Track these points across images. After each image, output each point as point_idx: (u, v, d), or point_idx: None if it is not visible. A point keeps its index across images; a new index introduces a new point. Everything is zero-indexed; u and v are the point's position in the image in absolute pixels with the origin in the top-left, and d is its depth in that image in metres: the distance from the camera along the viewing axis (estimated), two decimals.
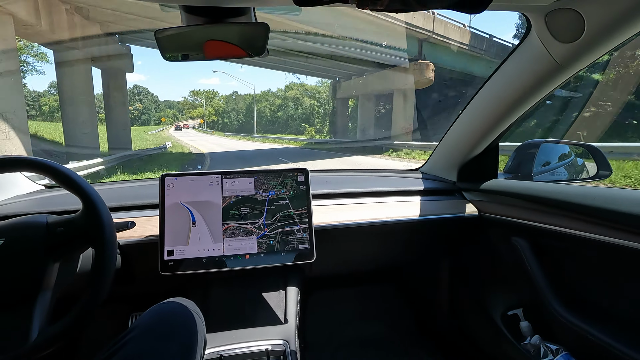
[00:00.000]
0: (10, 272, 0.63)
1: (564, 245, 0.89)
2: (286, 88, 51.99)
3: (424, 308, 1.57)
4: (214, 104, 74.96)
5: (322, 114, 43.08)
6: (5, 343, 0.59)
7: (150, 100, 78.21)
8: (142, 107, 74.43)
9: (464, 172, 1.26)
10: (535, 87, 0.90)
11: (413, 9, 0.48)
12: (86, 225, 0.68)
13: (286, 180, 0.98)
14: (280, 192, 0.97)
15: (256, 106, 55.50)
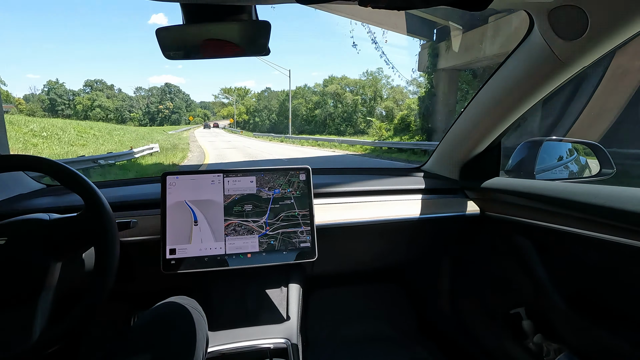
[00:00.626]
0: (12, 271, 0.63)
1: (566, 244, 0.89)
2: (325, 82, 45.50)
3: (426, 307, 1.57)
4: (245, 102, 71.26)
5: (365, 112, 37.74)
6: (7, 342, 0.60)
7: (181, 99, 76.74)
8: (172, 107, 73.07)
9: (466, 170, 1.25)
10: (538, 85, 0.90)
11: (415, 6, 0.48)
12: (89, 225, 0.68)
13: (293, 179, 0.98)
14: (286, 191, 0.97)
15: (291, 103, 47.74)
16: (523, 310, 1.04)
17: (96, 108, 57.26)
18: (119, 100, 63.67)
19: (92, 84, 62.91)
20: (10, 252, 0.64)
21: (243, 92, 76.66)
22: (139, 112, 66.92)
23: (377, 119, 27.83)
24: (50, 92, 58.02)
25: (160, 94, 73.19)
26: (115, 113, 61.12)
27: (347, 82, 42.76)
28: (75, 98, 57.32)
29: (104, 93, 62.25)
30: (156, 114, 69.10)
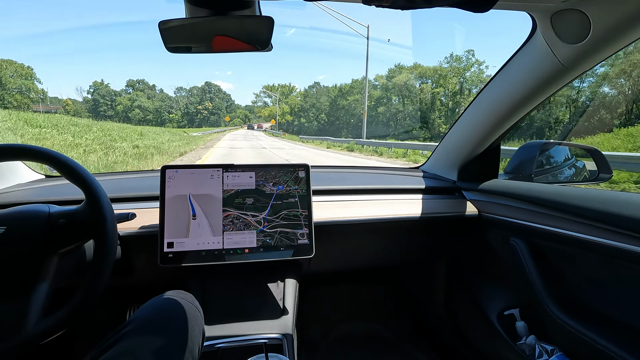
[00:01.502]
0: (9, 262, 0.63)
1: (562, 246, 0.89)
2: (390, 72, 35.61)
3: (420, 306, 1.57)
4: (289, 100, 64.76)
5: (445, 110, 26.53)
6: (0, 332, 0.60)
7: (221, 99, 73.38)
8: (212, 107, 70.18)
9: (465, 171, 1.26)
10: (539, 88, 0.90)
11: (419, 6, 0.48)
12: (88, 218, 0.68)
13: (300, 176, 0.98)
14: (292, 188, 0.97)
15: (345, 100, 41.98)
16: (517, 312, 1.05)
17: (135, 109, 56.96)
18: (158, 101, 62.82)
19: (134, 84, 62.70)
20: (7, 242, 0.63)
21: (287, 89, 70.29)
22: (178, 113, 65.67)
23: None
24: (94, 93, 58.26)
25: (201, 94, 70.71)
26: (155, 114, 60.30)
27: (421, 72, 30.97)
28: (116, 99, 57.36)
29: (144, 93, 61.67)
30: (195, 114, 67.74)
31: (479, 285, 1.23)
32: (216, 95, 74.21)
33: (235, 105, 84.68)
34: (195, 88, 72.69)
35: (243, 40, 0.64)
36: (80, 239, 0.71)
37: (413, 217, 1.11)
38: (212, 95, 73.28)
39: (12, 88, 49.60)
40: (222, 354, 0.83)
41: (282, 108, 66.14)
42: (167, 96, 67.47)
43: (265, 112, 75.26)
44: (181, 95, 69.59)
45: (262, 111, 76.46)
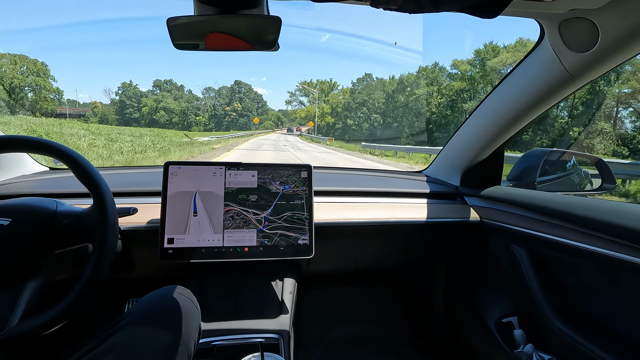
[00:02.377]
0: (7, 253, 0.63)
1: (563, 255, 0.89)
2: (479, 55, 24.54)
3: (419, 310, 1.57)
4: (330, 99, 52.72)
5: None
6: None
7: (251, 99, 65.99)
8: (241, 108, 63.38)
9: (468, 177, 1.25)
10: (545, 96, 0.90)
11: (427, 10, 0.48)
12: (92, 225, 0.68)
13: (302, 177, 0.98)
14: (299, 189, 0.97)
15: (406, 95, 28.24)
16: (515, 319, 1.05)
17: (160, 110, 51.43)
18: (184, 102, 57.50)
19: (161, 84, 57.58)
20: (10, 233, 0.64)
21: (327, 86, 59.32)
22: (205, 115, 60.06)
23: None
24: (122, 95, 54.11)
25: (230, 94, 64.24)
26: (181, 116, 54.01)
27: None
28: (142, 100, 53.24)
29: (171, 94, 56.48)
30: (222, 117, 61.47)
31: (478, 291, 1.22)
32: (246, 95, 65.86)
33: (267, 107, 74.74)
34: (224, 88, 65.35)
35: (250, 39, 0.64)
36: (79, 243, 0.71)
37: (414, 221, 1.11)
38: (242, 96, 65.06)
39: (22, 85, 45.17)
40: (218, 351, 0.83)
41: (321, 108, 55.52)
42: (195, 97, 61.76)
43: (301, 113, 62.95)
44: (209, 96, 63.23)
45: (297, 112, 64.44)
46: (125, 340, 0.62)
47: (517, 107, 0.97)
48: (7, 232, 0.64)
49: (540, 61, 0.85)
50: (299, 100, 66.47)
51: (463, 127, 1.20)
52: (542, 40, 0.83)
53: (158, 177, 0.93)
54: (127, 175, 1.24)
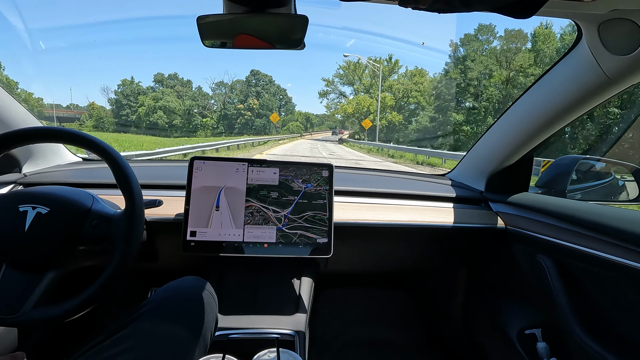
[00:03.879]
0: (39, 241, 0.66)
1: (592, 268, 0.85)
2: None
3: (436, 317, 1.54)
4: (393, 85, 35.22)
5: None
6: (7, 300, 0.63)
7: (272, 94, 48.52)
8: (257, 106, 45.97)
9: (493, 182, 1.22)
10: (580, 100, 0.86)
11: (457, 10, 0.47)
12: (118, 233, 0.69)
13: (323, 176, 0.97)
14: (322, 188, 0.97)
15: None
16: (539, 332, 1.01)
17: (158, 111, 38.75)
18: (188, 99, 43.44)
19: (163, 79, 43.34)
20: (46, 222, 0.67)
21: (387, 67, 36.88)
22: (214, 116, 45.37)
23: None
24: (119, 94, 41.80)
25: (245, 89, 47.60)
26: (183, 117, 41.18)
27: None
28: (139, 98, 40.03)
29: (174, 91, 42.79)
30: (234, 117, 45.47)
31: (499, 300, 1.18)
32: (265, 89, 48.08)
33: (292, 105, 55.31)
34: (238, 82, 48.05)
35: (277, 37, 0.65)
36: (102, 246, 0.73)
37: (436, 225, 1.09)
38: (260, 89, 47.34)
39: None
40: (233, 344, 0.85)
41: (382, 98, 33.84)
42: (202, 94, 46.63)
43: (347, 108, 39.50)
44: (220, 93, 47.54)
45: (341, 108, 41.76)
46: (144, 327, 0.64)
47: (549, 111, 0.93)
48: (45, 221, 0.66)
49: (577, 64, 0.82)
50: (338, 91, 42.85)
51: (490, 130, 1.16)
52: (579, 41, 0.79)
53: (182, 171, 0.96)
54: (154, 168, 1.29)
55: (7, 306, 0.62)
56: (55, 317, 0.63)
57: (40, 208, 0.67)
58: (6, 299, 0.63)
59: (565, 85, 0.86)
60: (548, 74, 0.91)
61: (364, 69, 40.99)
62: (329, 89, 44.34)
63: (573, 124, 0.97)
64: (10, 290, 0.63)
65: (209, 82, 77.81)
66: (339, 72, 43.56)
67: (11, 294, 0.63)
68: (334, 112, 46.94)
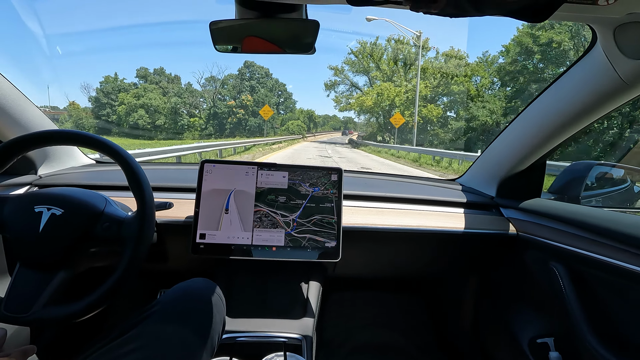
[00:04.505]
0: (53, 241, 0.67)
1: (608, 276, 0.83)
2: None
3: (445, 323, 1.52)
4: (428, 68, 27.50)
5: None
6: (20, 299, 0.64)
7: (269, 89, 41.88)
8: (251, 102, 39.05)
9: (505, 187, 1.20)
10: (595, 105, 0.84)
11: (469, 14, 0.46)
12: (128, 236, 0.70)
13: (333, 180, 0.97)
14: (329, 192, 0.97)
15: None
16: (551, 341, 0.98)
17: (139, 109, 33.11)
18: (174, 96, 37.03)
19: (147, 75, 36.99)
20: (61, 223, 0.68)
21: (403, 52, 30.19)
22: (203, 115, 38.97)
23: None
24: (99, 91, 35.53)
25: (239, 83, 40.57)
26: (168, 117, 35.14)
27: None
28: (119, 96, 34.09)
29: (159, 87, 36.71)
30: (224, 116, 38.72)
31: (511, 307, 1.16)
32: (261, 83, 41.41)
33: (292, 101, 46.55)
34: (230, 77, 41.04)
35: (288, 42, 0.66)
36: (113, 248, 0.74)
37: (445, 230, 1.08)
38: (255, 84, 40.64)
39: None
40: (240, 347, 0.85)
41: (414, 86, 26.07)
42: (191, 90, 39.51)
43: (366, 100, 30.49)
44: (210, 89, 40.90)
45: (354, 103, 33.06)
46: (152, 328, 0.65)
47: (563, 115, 0.91)
48: (59, 222, 0.68)
49: (592, 68, 0.80)
50: (350, 81, 34.73)
51: (502, 135, 1.15)
52: (594, 45, 0.78)
53: (193, 174, 0.97)
54: (165, 171, 1.30)
55: (20, 305, 0.63)
56: (65, 316, 0.64)
57: (55, 209, 0.68)
58: (19, 297, 0.64)
59: (580, 89, 0.85)
60: (561, 78, 0.90)
61: (382, 52, 31.51)
62: (337, 79, 35.21)
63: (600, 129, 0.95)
64: (24, 289, 0.65)
65: (197, 77, 67.03)
66: (349, 59, 33.78)
67: (24, 293, 0.64)
68: (345, 107, 36.16)
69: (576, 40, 18.96)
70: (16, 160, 0.72)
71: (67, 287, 0.69)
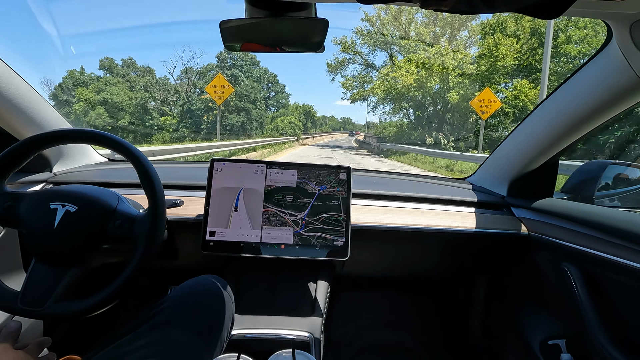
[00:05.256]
0: (68, 238, 0.69)
1: (623, 278, 0.81)
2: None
3: (454, 324, 1.51)
4: (507, 21, 13.98)
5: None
6: (35, 294, 0.65)
7: (256, 79, 34.07)
8: (232, 95, 30.31)
9: (516, 187, 1.18)
10: (610, 102, 0.82)
11: (480, 11, 0.46)
12: (140, 233, 0.71)
13: (342, 178, 0.98)
14: (335, 189, 0.97)
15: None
16: (563, 343, 0.97)
17: (97, 107, 26.40)
18: (142, 91, 29.81)
19: (112, 65, 30.21)
20: (75, 220, 0.69)
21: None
22: (175, 113, 31.66)
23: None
24: (57, 88, 28.09)
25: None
26: (134, 116, 28.53)
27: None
28: (77, 91, 27.38)
29: (126, 80, 29.76)
30: (200, 113, 31.41)
31: (521, 308, 1.15)
32: (245, 71, 33.08)
33: (285, 94, 38.00)
34: (210, 67, 33.13)
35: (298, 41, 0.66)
36: (125, 246, 0.75)
37: (455, 230, 1.07)
38: (237, 72, 32.51)
39: None
40: (249, 343, 0.86)
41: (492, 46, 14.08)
42: (162, 83, 31.88)
43: (407, 78, 16.76)
44: (183, 83, 33.14)
45: (379, 82, 19.28)
46: (162, 324, 0.66)
47: (577, 113, 0.90)
48: (73, 218, 0.69)
49: (607, 65, 0.78)
50: (363, 59, 24.27)
51: (514, 133, 1.13)
52: (609, 42, 0.76)
53: (202, 172, 0.98)
54: (175, 169, 1.32)
55: (35, 299, 0.65)
56: (78, 311, 0.66)
57: (70, 206, 0.70)
58: (35, 292, 0.66)
59: (594, 86, 0.83)
60: (575, 75, 0.88)
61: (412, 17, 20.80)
62: (346, 57, 23.93)
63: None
64: (39, 284, 0.66)
65: (168, 66, 58.55)
66: (360, 29, 22.98)
67: (39, 287, 0.66)
68: (359, 94, 24.41)
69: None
70: (32, 157, 0.73)
71: (81, 283, 0.71)
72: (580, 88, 0.87)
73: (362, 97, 24.90)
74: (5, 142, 0.97)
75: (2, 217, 0.70)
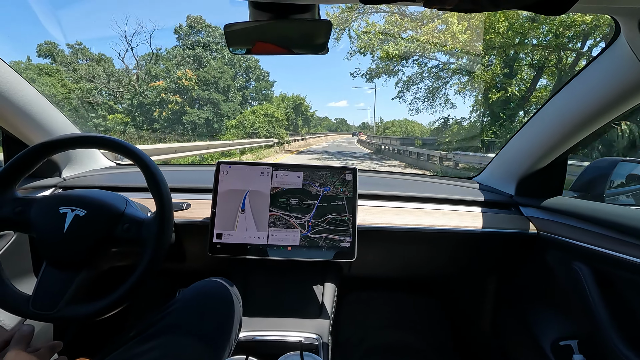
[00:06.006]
0: (77, 241, 0.69)
1: (636, 278, 0.79)
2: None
3: (463, 325, 1.49)
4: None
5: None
6: (46, 298, 0.66)
7: (229, 63, 26.33)
8: (195, 82, 23.89)
9: (524, 185, 1.17)
10: (619, 99, 0.81)
11: (485, 9, 0.45)
12: (147, 237, 0.71)
13: (347, 179, 0.98)
14: (339, 190, 0.97)
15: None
16: (575, 343, 0.95)
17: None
18: (85, 81, 23.65)
19: (54, 52, 23.71)
20: (84, 224, 0.70)
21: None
22: (124, 107, 25.31)
23: None
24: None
25: (180, 52, 25.50)
26: (73, 115, 20.62)
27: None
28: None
29: (67, 69, 23.38)
30: (152, 108, 24.44)
31: (532, 308, 1.13)
32: (213, 50, 24.86)
33: (268, 82, 29.97)
34: (175, 51, 25.18)
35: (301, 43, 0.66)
36: (133, 249, 0.75)
37: (463, 230, 1.06)
38: (201, 51, 24.31)
39: None
40: (257, 345, 0.86)
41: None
42: (112, 72, 24.34)
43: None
44: (131, 70, 24.99)
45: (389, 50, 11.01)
46: (170, 326, 0.66)
47: (585, 110, 0.88)
48: (82, 222, 0.70)
49: (615, 61, 0.77)
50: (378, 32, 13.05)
51: (521, 131, 1.12)
52: (617, 37, 0.75)
53: (209, 175, 0.99)
54: (182, 172, 1.33)
55: (46, 302, 0.66)
56: (88, 314, 0.67)
57: (79, 210, 0.71)
58: (46, 295, 0.66)
59: (603, 83, 0.82)
60: (583, 71, 0.87)
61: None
62: (349, 16, 15.41)
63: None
64: (50, 287, 0.67)
65: (117, 48, 43.24)
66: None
67: (50, 291, 0.67)
68: (387, 53, 14.57)
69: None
70: (42, 163, 0.74)
71: (90, 286, 0.72)
72: (588, 84, 0.86)
73: (400, 55, 14.96)
74: (16, 147, 0.99)
75: (13, 222, 0.71)
